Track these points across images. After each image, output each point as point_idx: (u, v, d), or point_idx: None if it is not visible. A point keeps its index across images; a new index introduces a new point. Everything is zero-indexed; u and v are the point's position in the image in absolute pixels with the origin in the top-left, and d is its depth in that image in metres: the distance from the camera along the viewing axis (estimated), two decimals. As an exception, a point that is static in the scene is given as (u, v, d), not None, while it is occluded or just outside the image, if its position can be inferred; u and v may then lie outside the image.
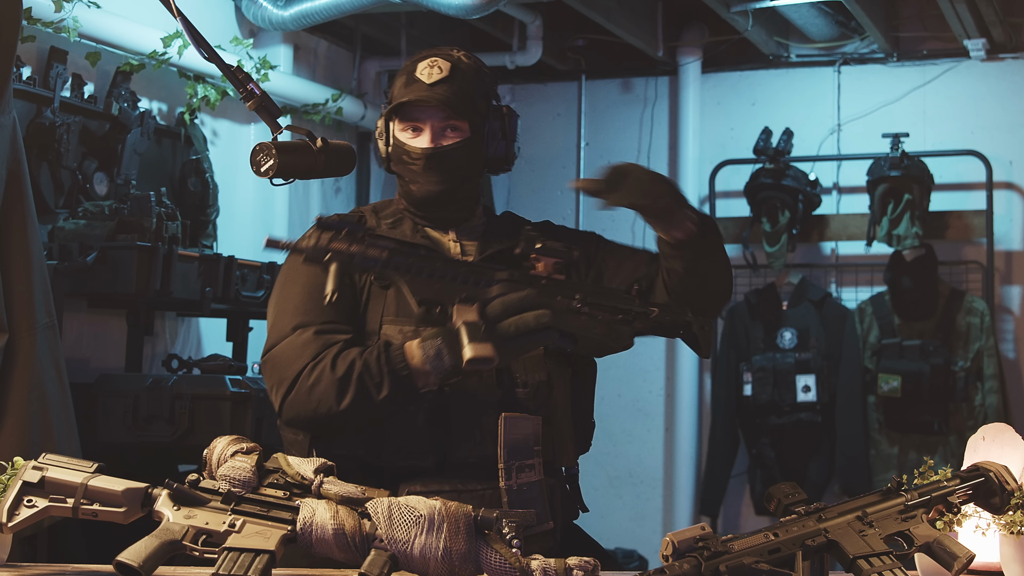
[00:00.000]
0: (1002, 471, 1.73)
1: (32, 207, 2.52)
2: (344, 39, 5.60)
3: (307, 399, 1.94)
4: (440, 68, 2.10)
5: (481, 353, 1.78)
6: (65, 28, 3.82)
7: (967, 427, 5.12)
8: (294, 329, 2.01)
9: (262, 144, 1.96)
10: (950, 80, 5.63)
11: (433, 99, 2.07)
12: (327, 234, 1.81)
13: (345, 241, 1.81)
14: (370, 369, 1.92)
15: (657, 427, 6.02)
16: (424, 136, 2.10)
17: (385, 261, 1.82)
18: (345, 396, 1.92)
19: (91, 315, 4.13)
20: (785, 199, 5.48)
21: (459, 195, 2.14)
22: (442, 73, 2.09)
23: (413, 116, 2.10)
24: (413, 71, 2.11)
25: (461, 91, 2.09)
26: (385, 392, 1.91)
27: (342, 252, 1.80)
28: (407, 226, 2.15)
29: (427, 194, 2.11)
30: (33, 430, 2.45)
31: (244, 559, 1.57)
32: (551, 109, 6.26)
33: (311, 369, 1.96)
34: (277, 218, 5.04)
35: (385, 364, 1.91)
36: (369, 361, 1.93)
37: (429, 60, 2.11)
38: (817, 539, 1.59)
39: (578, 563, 1.59)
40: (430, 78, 2.09)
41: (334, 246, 1.80)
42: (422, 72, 2.10)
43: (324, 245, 1.80)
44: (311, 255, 1.81)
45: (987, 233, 5.41)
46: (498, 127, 2.15)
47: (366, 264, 1.82)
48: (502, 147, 2.17)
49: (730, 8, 5.09)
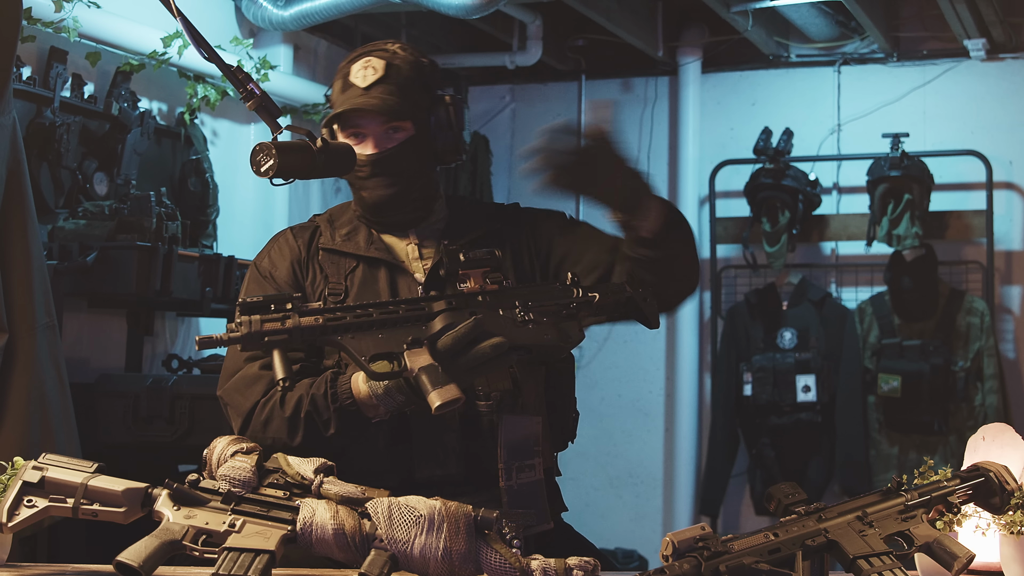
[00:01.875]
0: (1002, 471, 1.73)
1: (32, 207, 2.52)
2: (344, 39, 5.60)
3: (263, 435, 1.92)
4: (374, 68, 2.04)
5: (448, 397, 1.74)
6: (65, 28, 3.82)
7: (967, 427, 5.11)
8: (247, 360, 1.99)
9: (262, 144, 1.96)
10: (950, 80, 5.63)
11: (370, 105, 2.01)
12: (257, 317, 1.73)
13: (277, 319, 1.73)
14: (317, 406, 1.90)
15: (657, 427, 6.02)
16: (368, 142, 2.05)
17: (322, 328, 1.75)
18: (296, 434, 1.91)
19: (91, 315, 4.13)
20: (785, 199, 5.48)
21: (412, 195, 2.09)
22: (376, 73, 2.04)
23: (353, 123, 2.06)
24: (348, 74, 2.06)
25: (399, 89, 2.03)
26: (333, 429, 1.89)
27: (278, 332, 1.73)
28: (362, 236, 2.10)
29: (379, 199, 2.07)
30: (33, 430, 2.45)
31: (244, 559, 1.57)
32: (551, 109, 6.26)
33: (263, 406, 1.94)
34: (277, 218, 5.04)
35: (332, 401, 1.89)
36: (316, 397, 1.90)
37: (363, 61, 2.06)
38: (817, 539, 1.59)
39: (578, 563, 1.59)
40: (364, 81, 2.04)
41: (268, 327, 1.73)
42: (356, 75, 2.05)
43: (259, 329, 1.72)
44: (248, 343, 1.72)
45: (987, 233, 5.41)
46: (444, 117, 2.09)
47: (304, 337, 1.75)
48: (450, 137, 2.10)
49: (730, 8, 5.08)
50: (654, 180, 1.86)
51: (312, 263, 2.09)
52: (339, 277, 2.07)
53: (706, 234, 5.88)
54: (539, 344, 1.88)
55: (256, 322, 1.73)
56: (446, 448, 1.98)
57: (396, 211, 2.09)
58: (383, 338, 1.78)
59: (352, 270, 2.07)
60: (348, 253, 2.09)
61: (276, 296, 1.76)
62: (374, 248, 2.09)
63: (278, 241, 2.14)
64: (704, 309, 5.92)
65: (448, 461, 1.98)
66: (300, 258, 2.10)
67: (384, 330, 1.79)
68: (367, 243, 2.10)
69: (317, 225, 2.15)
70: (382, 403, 1.87)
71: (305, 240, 2.12)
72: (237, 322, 1.73)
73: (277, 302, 1.75)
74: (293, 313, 1.75)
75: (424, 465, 1.98)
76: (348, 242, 2.10)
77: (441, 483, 1.97)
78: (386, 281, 2.06)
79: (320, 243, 2.11)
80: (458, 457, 1.98)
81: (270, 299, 1.75)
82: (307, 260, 2.10)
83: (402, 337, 1.79)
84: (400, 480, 1.96)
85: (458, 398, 1.75)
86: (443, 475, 1.98)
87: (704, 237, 5.89)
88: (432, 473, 1.97)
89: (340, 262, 2.09)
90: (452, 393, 1.74)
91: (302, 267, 2.09)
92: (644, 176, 1.98)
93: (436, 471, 1.97)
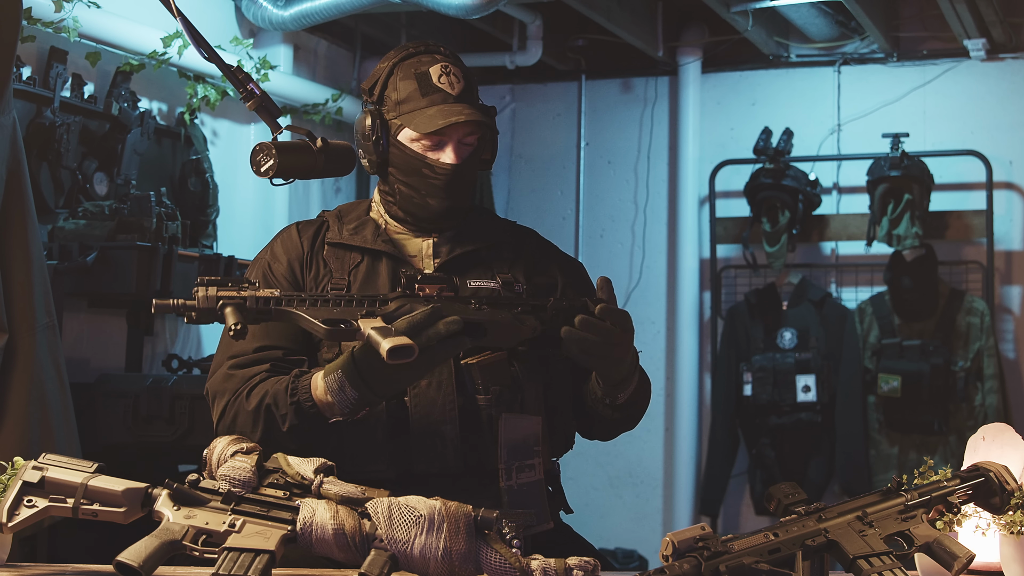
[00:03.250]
0: (1002, 471, 1.73)
1: (32, 207, 2.52)
2: (344, 39, 5.60)
3: (232, 430, 1.94)
4: (456, 76, 2.04)
5: (400, 342, 1.70)
6: (65, 28, 3.82)
7: (967, 427, 5.11)
8: (229, 359, 2.02)
9: (262, 144, 1.96)
10: (950, 80, 5.63)
11: (474, 118, 2.00)
12: (213, 287, 1.75)
13: (234, 290, 1.76)
14: (277, 401, 1.91)
15: (657, 427, 6.02)
16: (449, 150, 2.03)
17: (276, 299, 1.77)
18: (257, 427, 1.92)
19: (91, 315, 4.13)
20: (785, 199, 5.48)
21: (468, 204, 2.12)
22: (461, 83, 2.04)
23: (441, 130, 2.02)
24: (427, 76, 2.03)
25: (479, 101, 2.06)
26: (288, 425, 1.90)
27: (233, 298, 1.75)
28: (369, 230, 2.11)
29: (447, 208, 2.06)
30: (33, 430, 2.45)
31: (244, 559, 1.57)
32: (551, 109, 6.26)
33: (233, 402, 1.96)
34: (277, 218, 5.04)
35: (290, 396, 1.89)
36: (278, 393, 1.91)
37: (439, 65, 2.04)
38: (817, 539, 1.59)
39: (578, 563, 1.59)
40: (453, 88, 2.03)
41: (222, 293, 1.75)
42: (440, 81, 2.03)
43: (215, 295, 1.74)
44: (203, 307, 1.74)
45: (987, 233, 5.41)
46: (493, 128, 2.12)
47: (259, 305, 1.76)
48: (494, 148, 2.14)
49: (730, 8, 5.09)
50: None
51: (316, 259, 2.10)
52: (343, 272, 2.07)
53: (706, 234, 5.88)
54: (493, 322, 1.86)
55: (212, 290, 1.75)
56: (444, 441, 1.98)
57: (454, 219, 2.11)
58: (338, 312, 1.79)
59: (356, 265, 2.08)
60: (354, 246, 2.09)
61: (235, 278, 1.78)
62: (380, 241, 2.09)
63: (282, 236, 2.15)
64: (704, 309, 5.92)
65: (446, 453, 1.97)
66: (302, 255, 2.10)
67: (339, 308, 1.79)
68: (374, 236, 2.10)
69: (325, 221, 2.15)
70: (336, 399, 1.84)
71: (310, 236, 2.12)
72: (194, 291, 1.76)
73: (235, 281, 1.78)
74: (249, 287, 1.77)
75: (422, 457, 1.97)
76: (355, 236, 2.10)
77: (439, 476, 1.97)
78: (387, 274, 2.06)
79: (327, 238, 2.11)
80: (456, 450, 1.98)
81: (228, 279, 1.78)
82: (311, 256, 2.10)
83: (358, 311, 1.79)
84: (398, 473, 1.97)
85: (410, 346, 1.70)
86: (441, 468, 1.97)
87: (704, 237, 5.90)
88: (430, 466, 1.97)
89: (345, 257, 2.09)
90: (404, 340, 1.71)
91: (303, 264, 2.09)
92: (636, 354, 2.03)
93: (434, 463, 1.97)
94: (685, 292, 5.87)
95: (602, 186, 6.16)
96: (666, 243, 6.01)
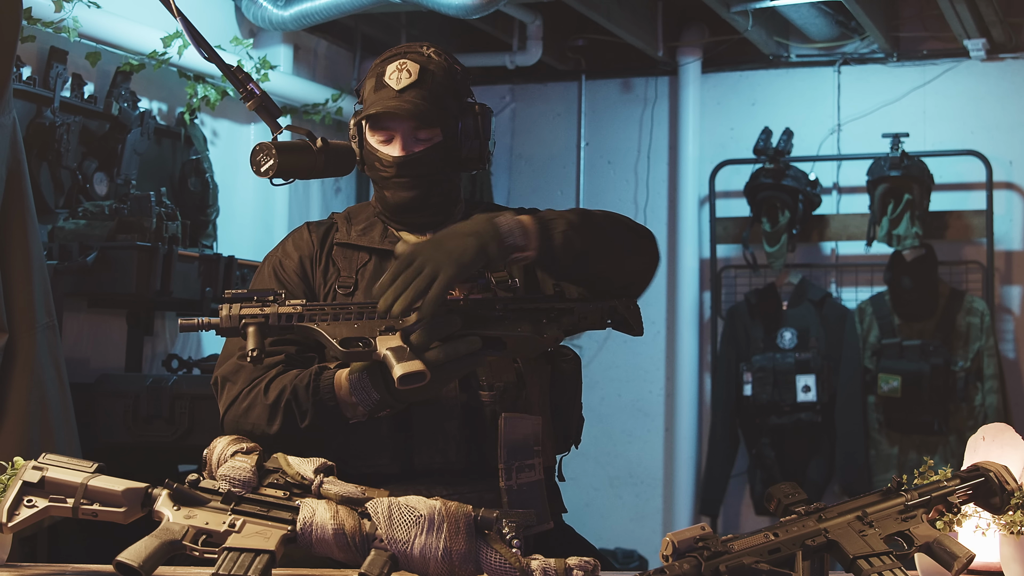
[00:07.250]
0: (1002, 471, 1.73)
1: (32, 207, 2.52)
2: (344, 39, 5.60)
3: (244, 420, 1.94)
4: (409, 72, 2.05)
5: (412, 369, 1.73)
6: (65, 28, 3.82)
7: (967, 427, 5.12)
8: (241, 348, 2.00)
9: (262, 144, 1.96)
10: (950, 80, 5.63)
11: (402, 110, 2.02)
12: (238, 304, 1.79)
13: (257, 306, 1.79)
14: (298, 397, 1.91)
15: (657, 427, 6.02)
16: (395, 143, 2.06)
17: (299, 315, 1.80)
18: (275, 421, 1.92)
19: (91, 315, 4.13)
20: (785, 199, 5.48)
21: (433, 199, 2.11)
22: (411, 77, 2.05)
23: (383, 124, 2.06)
24: (382, 74, 2.07)
25: (432, 95, 2.05)
26: (308, 421, 1.90)
27: (255, 316, 1.78)
28: (377, 231, 2.13)
29: (400, 200, 2.08)
30: (33, 430, 2.45)
31: (244, 559, 1.57)
32: (551, 109, 6.26)
33: (247, 393, 1.96)
34: (277, 218, 5.05)
35: (312, 394, 1.90)
36: (299, 388, 1.92)
37: (398, 63, 2.07)
38: (817, 539, 1.59)
39: (578, 563, 1.59)
40: (399, 83, 2.05)
41: (245, 311, 1.78)
42: (391, 77, 2.05)
43: (237, 313, 1.78)
44: (226, 325, 1.79)
45: (987, 233, 5.41)
46: (471, 125, 2.11)
47: (280, 321, 1.79)
48: (476, 146, 2.12)
49: (730, 8, 5.09)
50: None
51: (325, 258, 2.12)
52: (350, 271, 2.09)
53: (706, 234, 5.88)
54: (512, 336, 1.87)
55: (235, 308, 1.79)
56: (447, 436, 1.99)
57: (416, 213, 2.11)
58: (358, 327, 1.81)
59: (364, 264, 2.10)
60: (361, 247, 2.11)
61: (260, 291, 1.81)
62: (387, 242, 2.11)
63: (294, 235, 2.17)
64: (704, 309, 5.92)
65: (448, 449, 1.99)
66: (312, 253, 2.12)
67: (360, 321, 1.81)
68: (381, 237, 2.12)
69: (334, 221, 2.17)
70: (359, 399, 1.86)
71: (320, 236, 2.14)
72: (218, 307, 1.79)
73: (260, 295, 1.81)
74: (273, 303, 1.80)
75: (424, 452, 1.98)
76: (363, 236, 2.12)
77: (441, 471, 1.98)
78: None
79: (336, 238, 2.13)
80: (459, 446, 1.99)
81: (254, 292, 1.81)
82: (320, 255, 2.12)
83: (377, 327, 1.81)
84: (400, 468, 1.98)
85: (422, 372, 1.73)
86: (443, 463, 1.98)
87: (704, 237, 5.90)
88: (432, 460, 1.98)
89: (353, 257, 2.11)
90: (416, 366, 1.74)
91: (313, 262, 2.12)
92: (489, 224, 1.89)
93: (436, 459, 1.98)
94: (685, 292, 5.87)
95: (602, 186, 6.16)
96: (666, 243, 6.00)
